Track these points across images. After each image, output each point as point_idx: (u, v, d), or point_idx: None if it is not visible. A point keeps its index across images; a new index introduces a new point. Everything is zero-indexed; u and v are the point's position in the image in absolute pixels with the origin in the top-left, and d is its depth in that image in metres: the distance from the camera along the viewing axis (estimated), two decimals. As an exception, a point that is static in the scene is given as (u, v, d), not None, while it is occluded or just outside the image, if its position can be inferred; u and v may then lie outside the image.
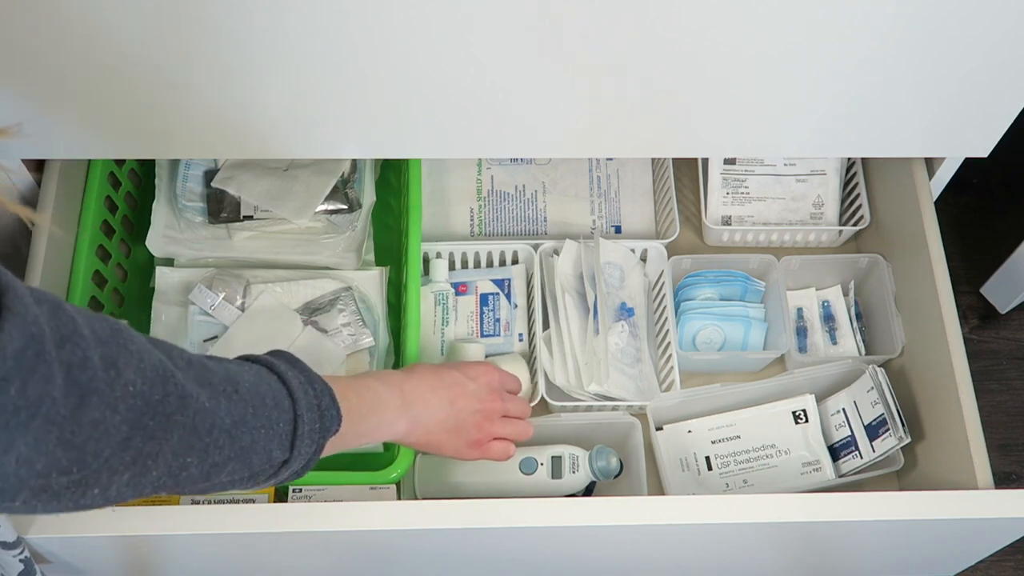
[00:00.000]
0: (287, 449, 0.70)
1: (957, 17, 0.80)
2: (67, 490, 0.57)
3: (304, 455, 0.72)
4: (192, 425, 0.62)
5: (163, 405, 0.60)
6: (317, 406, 0.72)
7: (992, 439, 0.98)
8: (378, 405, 0.83)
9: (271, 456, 0.69)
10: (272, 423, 0.68)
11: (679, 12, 0.79)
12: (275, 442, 0.69)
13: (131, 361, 0.58)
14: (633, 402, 1.07)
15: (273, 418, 0.68)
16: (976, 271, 1.41)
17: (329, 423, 0.73)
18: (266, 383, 0.70)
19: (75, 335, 0.55)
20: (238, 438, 0.65)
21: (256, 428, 0.67)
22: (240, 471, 0.67)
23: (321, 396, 0.73)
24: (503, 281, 1.14)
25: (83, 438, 0.55)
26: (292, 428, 0.70)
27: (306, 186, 1.09)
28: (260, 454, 0.68)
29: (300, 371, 0.74)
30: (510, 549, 0.94)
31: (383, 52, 0.82)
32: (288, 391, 0.71)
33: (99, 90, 0.85)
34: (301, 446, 0.71)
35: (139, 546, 0.89)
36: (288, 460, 0.71)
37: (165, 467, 0.61)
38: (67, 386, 0.54)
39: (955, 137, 0.97)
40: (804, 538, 0.95)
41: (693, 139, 0.97)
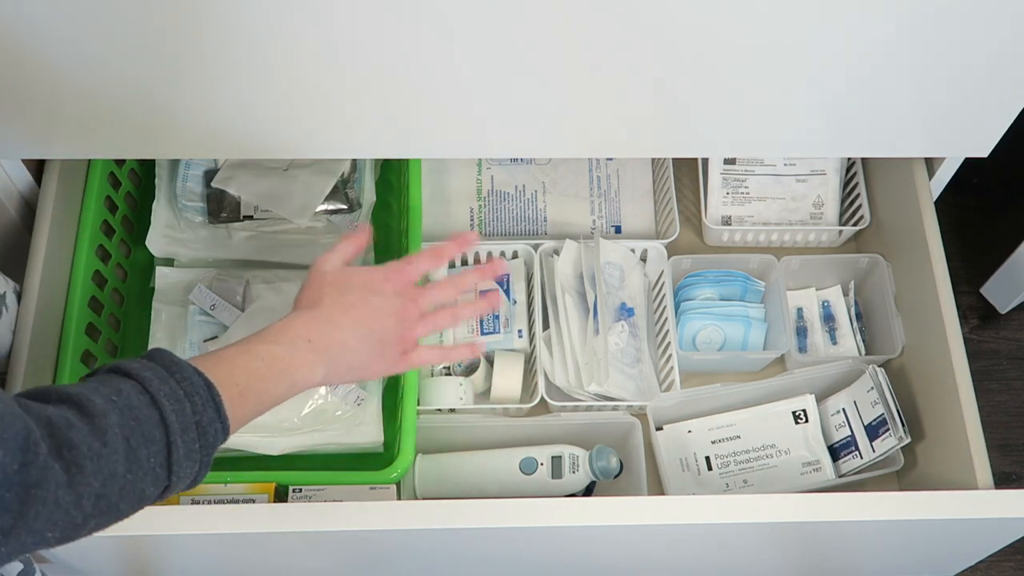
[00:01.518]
0: (164, 480, 0.65)
1: (957, 17, 0.80)
2: None
3: (187, 476, 0.67)
4: (55, 500, 0.57)
5: (22, 475, 0.55)
6: (196, 424, 0.66)
7: (992, 439, 0.98)
8: (278, 368, 0.76)
9: (143, 495, 0.64)
10: (140, 464, 0.63)
11: (679, 12, 0.79)
12: (147, 480, 0.63)
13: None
14: (633, 402, 1.07)
15: (142, 457, 0.63)
16: (976, 271, 1.41)
17: (214, 437, 0.68)
18: (134, 415, 0.63)
19: None
20: (105, 495, 0.60)
21: (123, 476, 0.61)
22: (106, 523, 0.62)
23: (202, 411, 0.67)
24: (502, 277, 1.14)
25: None
26: (166, 457, 0.64)
27: (306, 186, 1.09)
28: (129, 499, 0.63)
29: (179, 381, 0.67)
30: (510, 549, 0.94)
31: (383, 52, 0.82)
32: (160, 416, 0.64)
33: (99, 90, 0.85)
34: (179, 471, 0.65)
35: (139, 546, 0.89)
36: (168, 487, 0.66)
37: (16, 544, 0.56)
38: None
39: (955, 137, 0.97)
40: (804, 538, 0.95)
41: (693, 139, 0.97)
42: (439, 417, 1.06)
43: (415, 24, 0.79)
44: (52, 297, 1.01)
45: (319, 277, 0.84)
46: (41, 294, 0.98)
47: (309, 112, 0.89)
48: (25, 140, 0.93)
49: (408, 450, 0.94)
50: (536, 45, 0.82)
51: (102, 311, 1.07)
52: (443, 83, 0.86)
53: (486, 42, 0.82)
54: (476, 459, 1.04)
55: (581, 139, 0.96)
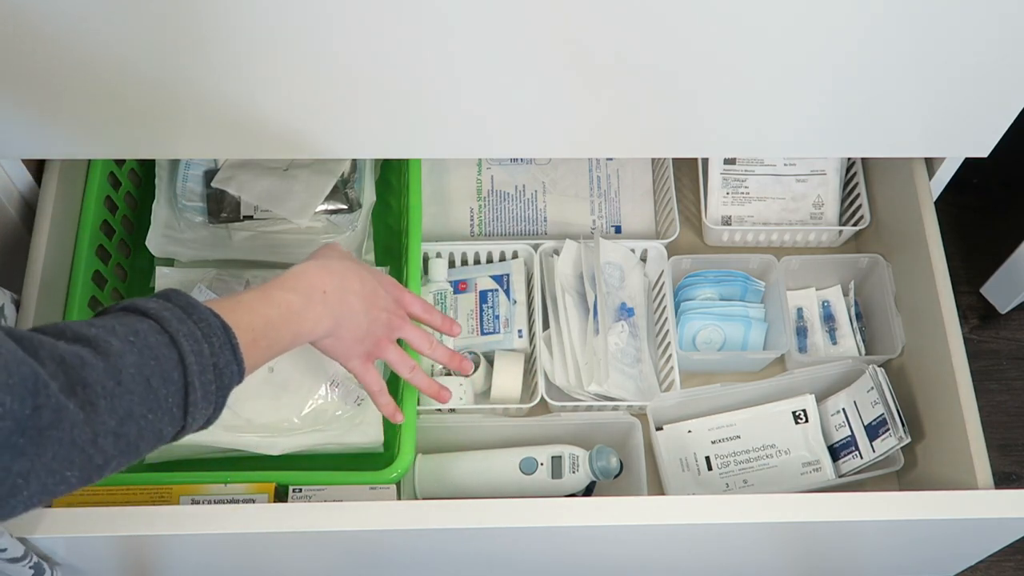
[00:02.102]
0: (180, 420, 0.65)
1: (957, 17, 0.80)
2: None
3: (202, 416, 0.67)
4: (71, 439, 0.57)
5: (34, 419, 0.55)
6: (214, 365, 0.66)
7: (992, 439, 0.98)
8: (292, 317, 0.76)
9: (161, 434, 0.64)
10: (159, 403, 0.63)
11: (679, 12, 0.79)
12: (165, 420, 0.63)
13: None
14: (633, 402, 1.07)
15: (160, 397, 0.63)
16: (976, 271, 1.41)
17: (229, 379, 0.68)
18: (152, 357, 0.63)
19: None
20: (124, 435, 0.60)
21: (143, 416, 0.61)
22: (128, 461, 0.62)
23: (220, 352, 0.67)
24: (502, 277, 1.14)
25: None
26: (183, 397, 0.64)
27: (306, 186, 1.09)
28: (148, 439, 0.63)
29: (196, 322, 0.67)
30: (510, 549, 0.94)
31: (383, 52, 0.82)
32: (179, 356, 0.64)
33: (99, 90, 0.85)
34: (195, 412, 0.65)
35: (139, 546, 0.89)
36: (183, 427, 0.66)
37: (37, 484, 0.56)
38: None
39: (955, 137, 0.97)
40: (804, 538, 0.95)
41: (693, 139, 0.97)
42: (439, 417, 1.06)
43: (415, 24, 0.79)
44: (52, 297, 1.01)
45: (337, 247, 0.87)
46: (41, 294, 0.98)
47: (309, 112, 0.89)
48: (25, 140, 0.93)
49: (408, 450, 0.94)
50: (536, 45, 0.82)
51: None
52: (443, 83, 0.86)
53: (486, 42, 0.82)
54: (476, 459, 1.04)
55: (581, 139, 0.96)
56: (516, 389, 1.09)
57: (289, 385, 0.99)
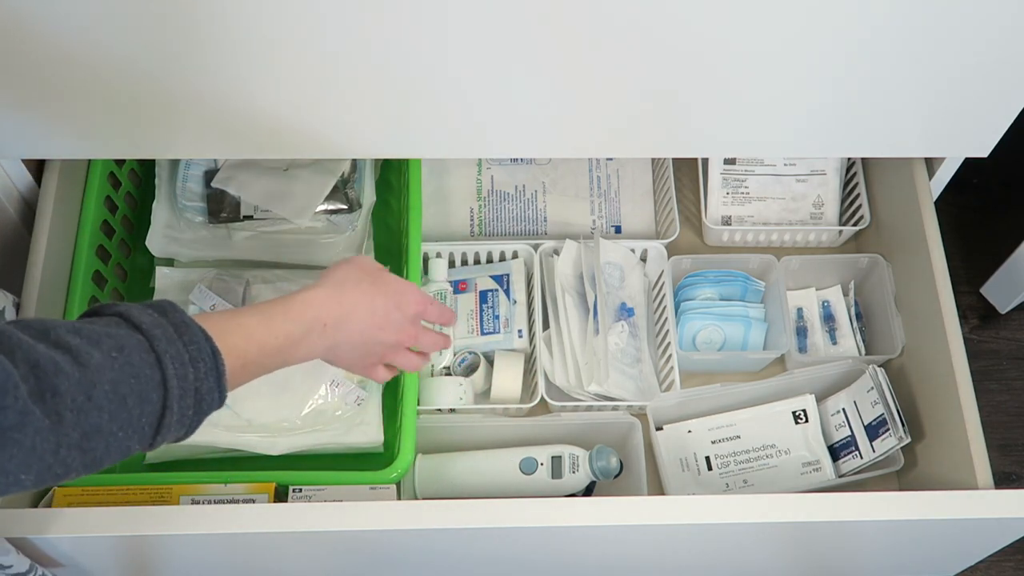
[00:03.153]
0: (148, 439, 0.64)
1: (957, 17, 0.80)
2: None
3: (171, 438, 0.66)
4: (31, 445, 0.56)
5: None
6: (195, 390, 0.65)
7: (992, 439, 0.98)
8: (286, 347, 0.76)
9: (128, 450, 0.63)
10: (131, 422, 0.61)
11: (679, 12, 0.79)
12: (134, 439, 0.62)
13: None
14: (633, 402, 1.07)
15: (134, 416, 0.61)
16: (976, 271, 1.41)
17: (208, 406, 0.67)
18: (133, 375, 0.62)
19: None
20: (89, 450, 0.59)
21: (112, 432, 0.60)
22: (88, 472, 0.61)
23: (204, 378, 0.66)
24: (502, 277, 1.14)
25: None
26: (158, 418, 0.63)
27: (306, 186, 1.09)
28: (114, 454, 0.61)
29: (186, 343, 0.65)
30: (510, 549, 0.94)
31: (384, 53, 0.82)
32: (162, 378, 0.63)
33: (99, 91, 0.85)
34: (166, 434, 0.64)
35: (139, 546, 0.89)
36: (150, 445, 0.65)
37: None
38: None
39: (955, 137, 0.97)
40: (804, 538, 0.95)
41: (693, 139, 0.97)
42: (439, 417, 1.06)
43: (415, 24, 0.79)
44: (52, 297, 1.01)
45: (364, 260, 0.86)
46: (41, 294, 0.98)
47: (309, 112, 0.89)
48: (25, 140, 0.93)
49: (408, 450, 0.94)
50: (536, 45, 0.82)
51: (102, 311, 1.07)
52: (443, 83, 0.86)
53: (486, 42, 0.82)
54: (476, 459, 1.04)
55: (581, 139, 0.96)
56: (516, 389, 1.09)
57: (289, 385, 0.99)
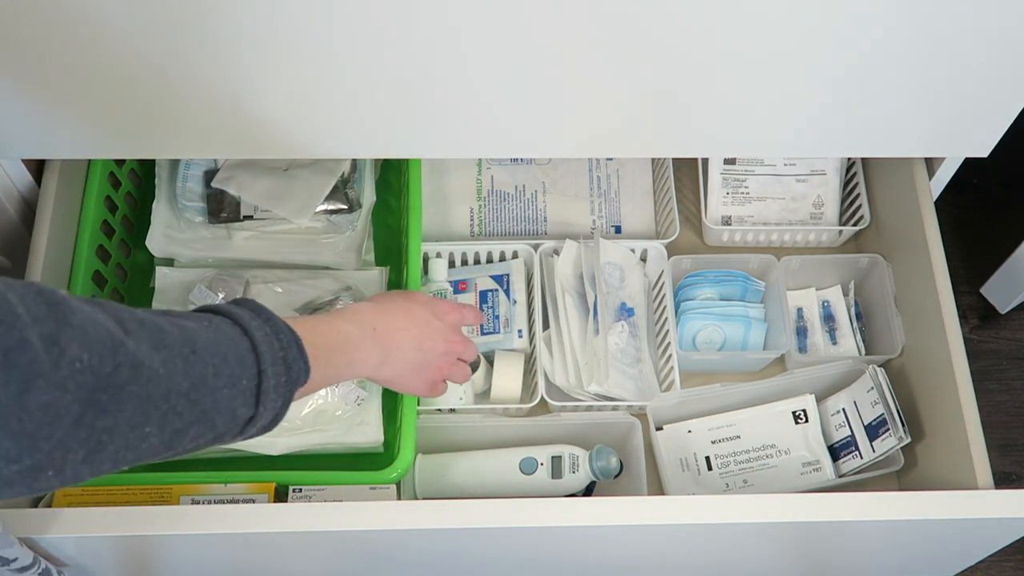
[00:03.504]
0: (252, 406, 0.67)
1: (957, 17, 0.80)
2: (19, 476, 0.54)
3: (271, 409, 0.69)
4: (147, 394, 0.58)
5: (115, 377, 0.56)
6: (283, 359, 0.69)
7: (992, 439, 0.98)
8: (348, 346, 0.82)
9: (235, 415, 0.66)
10: (235, 381, 0.65)
11: (678, 12, 0.79)
12: (239, 400, 0.65)
13: (74, 336, 0.54)
14: (633, 402, 1.07)
15: (236, 375, 0.65)
16: (976, 271, 1.41)
17: (296, 375, 0.70)
18: (227, 339, 0.66)
19: (8, 316, 0.51)
20: (198, 402, 0.62)
21: (218, 388, 0.63)
22: (205, 434, 0.64)
23: (288, 348, 0.70)
24: (502, 277, 1.14)
25: (34, 425, 0.52)
26: (256, 384, 0.67)
27: (306, 186, 1.09)
28: (224, 414, 0.64)
29: (265, 320, 0.70)
30: (510, 549, 0.94)
31: (383, 52, 0.82)
32: (252, 344, 0.67)
33: (99, 90, 0.85)
34: (267, 401, 0.67)
35: (139, 546, 0.89)
36: (254, 416, 0.67)
37: (122, 441, 0.58)
38: (5, 372, 0.51)
39: (955, 137, 0.97)
40: (804, 538, 0.95)
41: (693, 139, 0.97)
42: (439, 417, 1.06)
43: (415, 24, 0.79)
44: (52, 297, 1.01)
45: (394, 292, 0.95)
46: (41, 294, 0.98)
47: (309, 112, 0.89)
48: (25, 140, 0.93)
49: (408, 450, 0.94)
50: (536, 45, 0.82)
51: (102, 311, 1.07)
52: (443, 83, 0.86)
53: (486, 42, 0.82)
54: (476, 459, 1.04)
55: (581, 139, 0.96)
56: (516, 389, 1.09)
57: (289, 385, 0.99)
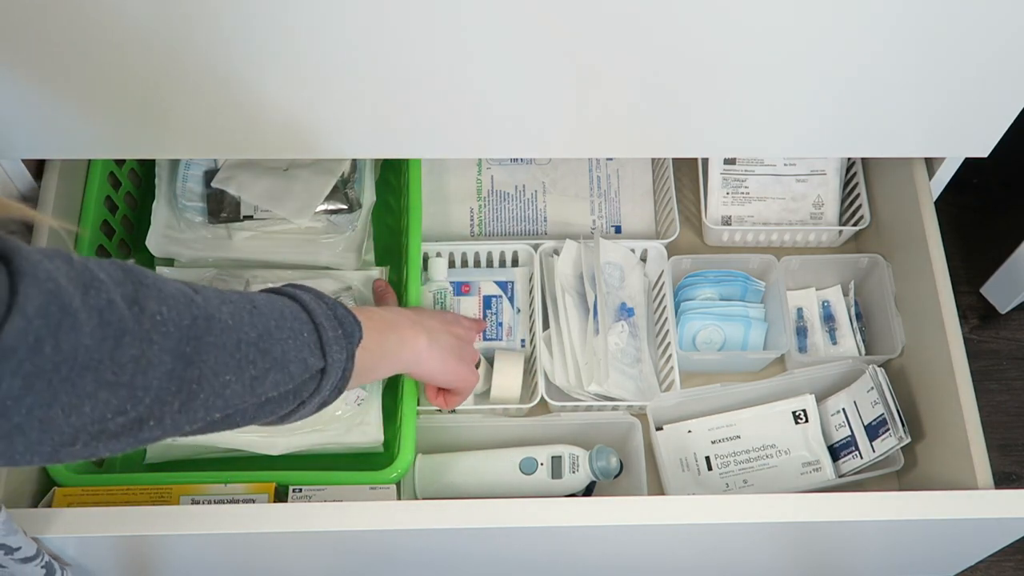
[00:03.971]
0: (320, 356, 0.72)
1: (957, 17, 0.80)
2: (124, 428, 0.59)
3: (338, 363, 0.74)
4: (222, 343, 0.64)
5: (193, 329, 0.62)
6: (333, 315, 0.75)
7: (992, 439, 0.98)
8: (394, 325, 0.87)
9: (307, 363, 0.71)
10: (296, 333, 0.70)
11: (679, 12, 0.79)
12: (306, 350, 0.71)
13: (150, 294, 0.60)
14: (633, 402, 1.07)
15: (296, 328, 0.71)
16: (976, 271, 1.41)
17: (351, 329, 0.76)
18: (279, 300, 0.73)
19: (95, 281, 0.56)
20: (268, 350, 0.67)
21: (283, 339, 0.69)
22: (283, 382, 0.69)
23: (335, 307, 0.76)
24: (506, 284, 1.14)
25: (128, 376, 0.57)
26: (317, 336, 0.72)
27: (306, 186, 1.09)
28: (295, 362, 0.70)
29: (306, 290, 0.76)
30: (510, 549, 0.94)
31: (383, 52, 0.82)
32: (301, 304, 0.73)
33: (99, 90, 0.85)
34: (331, 352, 0.73)
35: (139, 546, 0.89)
36: (325, 368, 0.73)
37: (209, 389, 0.63)
38: (100, 330, 0.55)
39: (955, 137, 0.97)
40: (804, 538, 0.95)
41: (693, 139, 0.97)
42: (439, 417, 1.06)
43: (416, 24, 0.79)
44: (52, 297, 1.01)
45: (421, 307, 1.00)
46: (41, 294, 0.98)
47: (309, 112, 0.89)
48: (25, 140, 0.93)
49: (408, 450, 0.94)
50: (536, 45, 0.82)
51: (102, 311, 1.07)
52: (443, 83, 0.86)
53: (486, 42, 0.82)
54: (476, 459, 1.04)
55: (581, 139, 0.96)
56: (516, 389, 1.09)
57: (289, 385, 0.99)
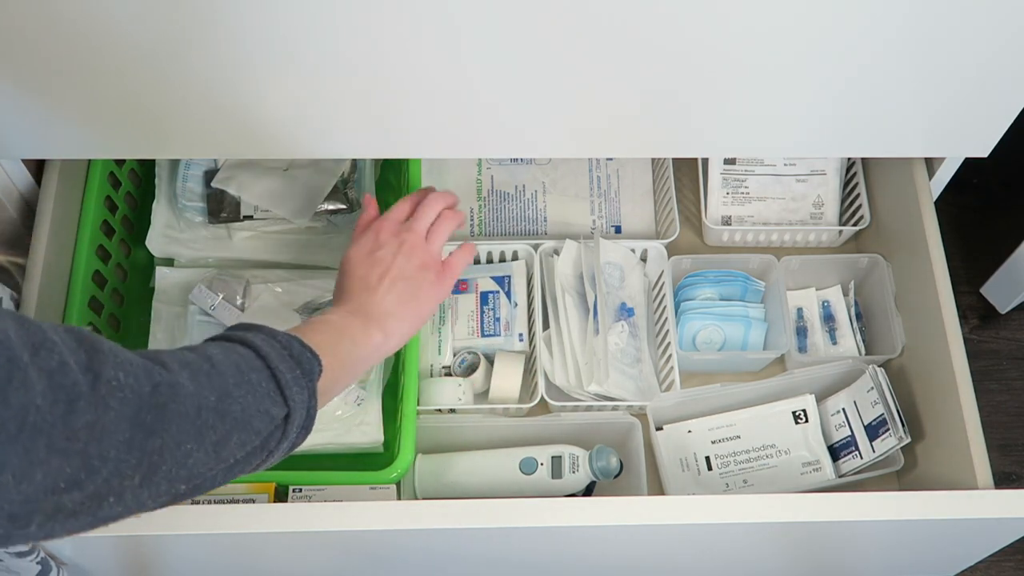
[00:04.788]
0: (282, 403, 0.70)
1: (957, 17, 0.80)
2: (82, 506, 0.56)
3: (301, 404, 0.71)
4: (184, 411, 0.62)
5: (156, 396, 0.60)
6: (289, 354, 0.72)
7: (992, 439, 0.98)
8: (342, 329, 0.84)
9: (270, 415, 0.69)
10: (255, 386, 0.68)
11: (679, 12, 0.79)
12: (267, 400, 0.69)
13: (106, 360, 0.57)
14: (633, 402, 1.07)
15: (253, 381, 0.68)
16: (976, 271, 1.41)
17: (309, 366, 0.73)
18: (234, 352, 0.70)
19: (47, 342, 0.54)
20: (227, 412, 0.65)
21: (242, 396, 0.67)
22: (248, 440, 0.67)
23: (289, 345, 0.73)
24: (503, 278, 1.14)
25: (82, 443, 0.55)
26: (275, 383, 0.70)
27: (306, 186, 1.09)
28: (258, 417, 0.67)
29: (258, 331, 0.74)
30: (510, 549, 0.94)
31: (383, 52, 0.82)
32: (255, 351, 0.70)
33: (99, 90, 0.85)
34: (293, 395, 0.70)
35: (139, 546, 0.89)
36: (288, 414, 0.70)
37: (172, 459, 0.61)
38: (52, 392, 0.53)
39: (955, 137, 0.97)
40: (804, 538, 0.95)
41: (693, 139, 0.97)
42: (439, 417, 1.06)
43: (415, 24, 0.79)
44: (52, 297, 1.01)
45: (343, 268, 0.92)
46: (41, 294, 0.98)
47: (309, 112, 0.89)
48: (25, 140, 0.93)
49: (408, 450, 0.94)
50: (536, 45, 0.82)
51: (102, 311, 1.07)
52: (443, 83, 0.86)
53: (486, 42, 0.82)
54: (476, 459, 1.04)
55: (581, 139, 0.96)
56: (515, 390, 1.09)
57: (289, 385, 0.99)
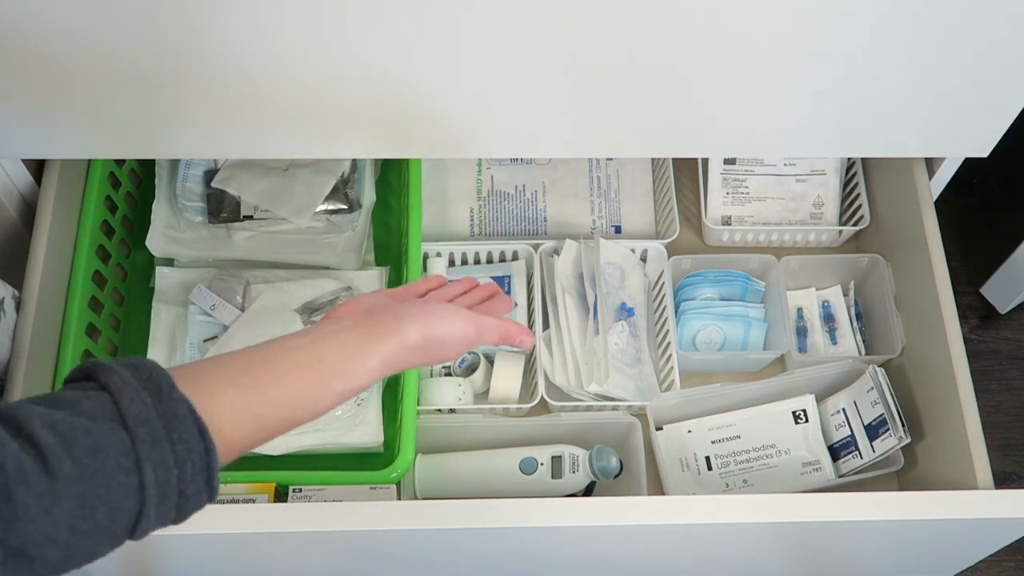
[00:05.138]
0: (120, 541, 0.61)
1: (957, 17, 0.80)
2: None
3: (145, 535, 0.61)
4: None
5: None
6: (179, 492, 0.60)
7: (992, 439, 0.98)
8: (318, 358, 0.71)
9: (94, 555, 0.60)
10: (99, 530, 0.58)
11: (679, 13, 0.79)
12: (104, 543, 0.59)
13: None
14: (633, 402, 1.07)
15: (102, 526, 0.58)
16: (976, 271, 1.41)
17: (194, 505, 0.61)
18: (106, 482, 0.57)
19: None
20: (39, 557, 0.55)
21: (70, 543, 0.57)
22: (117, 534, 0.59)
23: (190, 481, 0.60)
24: (503, 278, 1.14)
25: None
26: (132, 523, 0.60)
27: (306, 186, 1.09)
28: (75, 559, 0.58)
29: (173, 442, 0.59)
30: (510, 549, 0.94)
31: (383, 52, 0.82)
32: (139, 483, 0.58)
33: (99, 90, 0.85)
34: (142, 534, 0.61)
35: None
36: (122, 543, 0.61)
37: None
38: None
39: (955, 137, 0.97)
40: (804, 538, 0.95)
41: (693, 139, 0.97)
42: (439, 417, 1.06)
43: (415, 24, 0.79)
44: (52, 297, 1.01)
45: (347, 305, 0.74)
46: (41, 294, 0.98)
47: (309, 112, 0.89)
48: (25, 140, 0.93)
49: (408, 450, 0.94)
50: (536, 45, 0.82)
51: (102, 311, 1.07)
52: (443, 83, 0.86)
53: (486, 43, 0.82)
54: (476, 459, 1.04)
55: (581, 139, 0.96)
56: (514, 390, 1.09)
57: (289, 385, 0.99)
